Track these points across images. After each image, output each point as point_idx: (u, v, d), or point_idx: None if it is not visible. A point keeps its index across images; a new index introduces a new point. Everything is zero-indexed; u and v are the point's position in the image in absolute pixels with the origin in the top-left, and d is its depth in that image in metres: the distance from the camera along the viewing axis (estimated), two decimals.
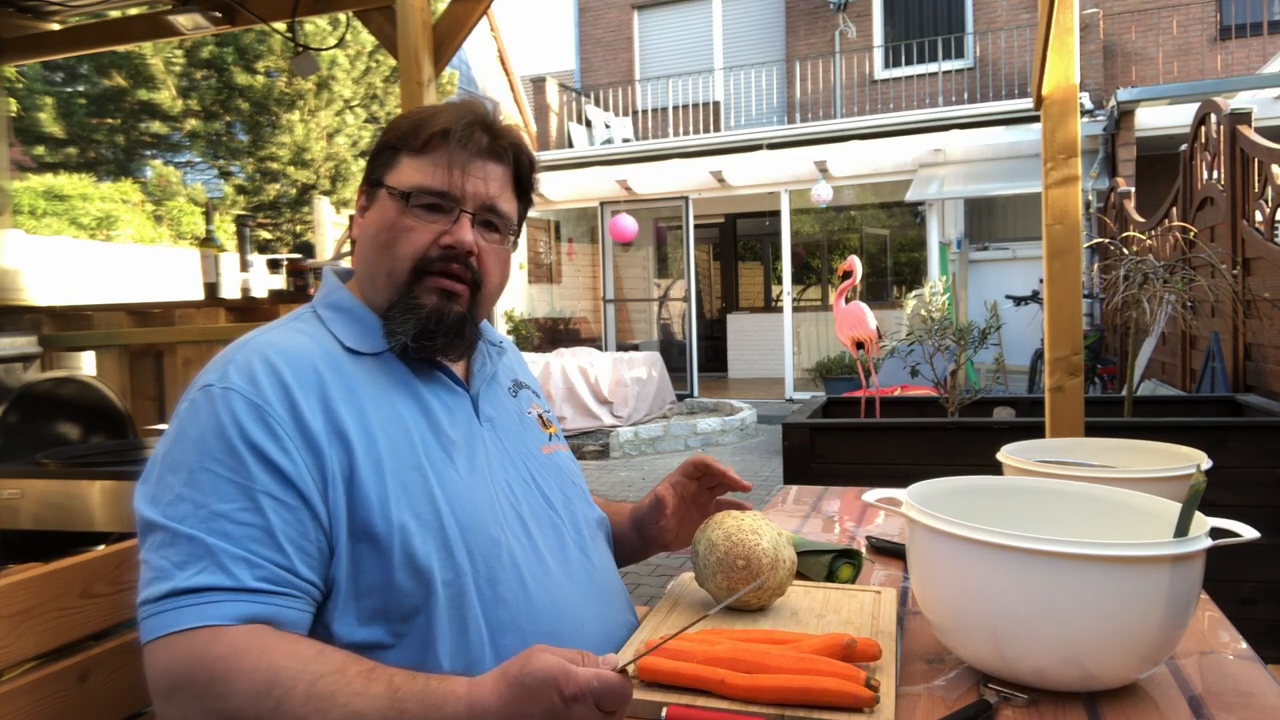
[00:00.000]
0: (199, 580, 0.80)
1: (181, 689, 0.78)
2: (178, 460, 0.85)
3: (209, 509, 0.83)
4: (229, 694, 0.77)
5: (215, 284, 3.21)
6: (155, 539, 0.83)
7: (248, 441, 0.85)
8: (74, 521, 2.23)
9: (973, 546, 0.83)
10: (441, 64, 2.71)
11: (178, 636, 0.78)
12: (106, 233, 8.49)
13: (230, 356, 0.92)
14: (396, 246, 0.99)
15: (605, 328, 11.66)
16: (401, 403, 0.96)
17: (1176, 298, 3.21)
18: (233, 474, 0.84)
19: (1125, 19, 10.59)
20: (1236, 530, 0.85)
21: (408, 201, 0.99)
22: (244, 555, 0.82)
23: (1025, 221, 10.53)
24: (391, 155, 1.02)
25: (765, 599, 1.06)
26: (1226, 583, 2.45)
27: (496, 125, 1.04)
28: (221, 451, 0.85)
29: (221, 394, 0.87)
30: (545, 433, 1.14)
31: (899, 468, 2.81)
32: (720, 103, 12.57)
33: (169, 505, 0.83)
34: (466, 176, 1.00)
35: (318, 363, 0.93)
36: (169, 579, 0.80)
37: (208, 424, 0.86)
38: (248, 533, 0.83)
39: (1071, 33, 2.12)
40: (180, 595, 0.80)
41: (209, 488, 0.83)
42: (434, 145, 1.00)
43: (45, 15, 3.55)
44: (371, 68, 11.01)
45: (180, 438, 0.87)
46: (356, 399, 0.92)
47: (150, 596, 0.80)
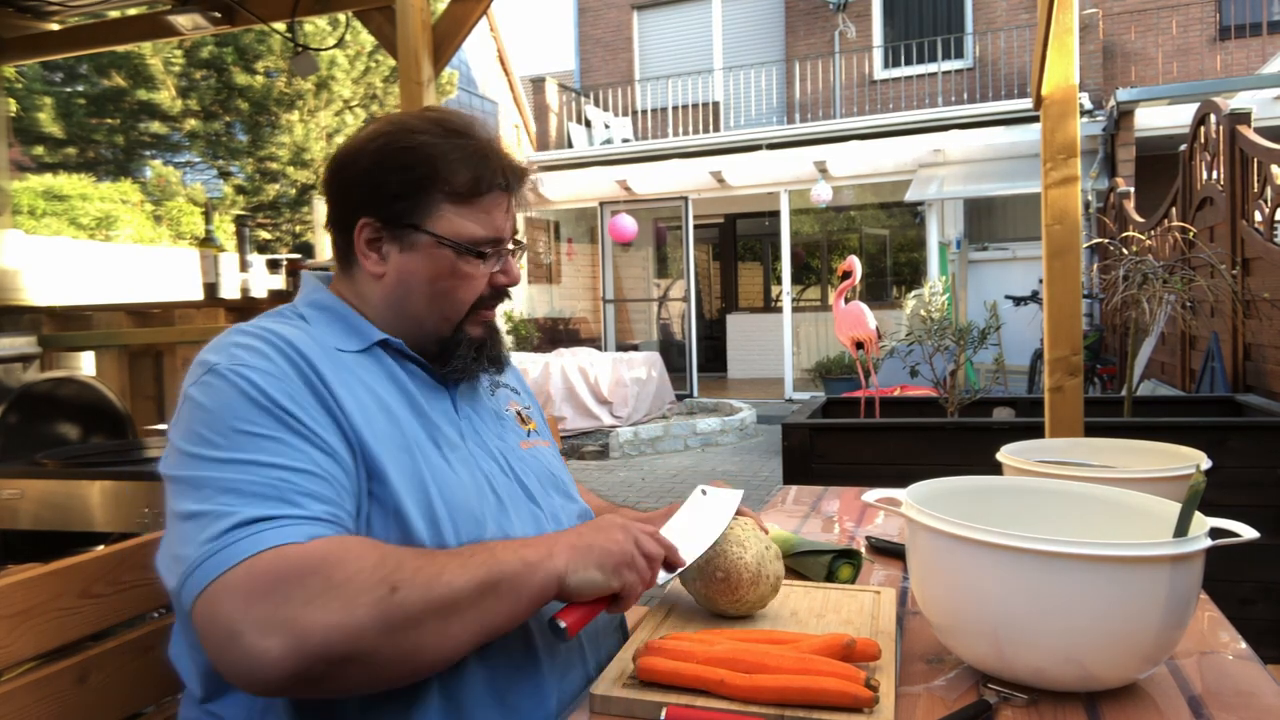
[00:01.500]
0: (267, 510, 0.79)
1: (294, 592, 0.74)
2: (209, 428, 0.84)
3: (256, 461, 0.82)
4: (352, 573, 0.76)
5: (215, 284, 3.21)
6: (202, 494, 0.80)
7: (275, 404, 0.85)
8: (73, 521, 2.23)
9: (973, 546, 0.83)
10: (441, 64, 2.71)
11: (265, 554, 0.75)
12: (106, 233, 8.49)
13: (227, 342, 0.91)
14: (458, 293, 1.01)
15: (605, 328, 11.66)
16: (387, 392, 0.97)
17: (1176, 298, 3.21)
18: (270, 430, 0.84)
19: (1125, 19, 10.59)
20: (1236, 530, 0.85)
21: (468, 252, 0.99)
22: (303, 493, 0.82)
23: (1025, 221, 10.53)
24: (422, 199, 0.98)
25: (743, 610, 1.05)
26: (1226, 583, 2.45)
27: (519, 163, 1.05)
28: (253, 413, 0.84)
29: (235, 369, 0.87)
30: (524, 429, 1.14)
31: (899, 468, 2.81)
32: (720, 103, 12.57)
33: (211, 465, 0.82)
34: (509, 216, 1.03)
35: (313, 348, 0.93)
36: (232, 515, 0.78)
37: (230, 394, 0.85)
38: (300, 478, 0.83)
39: (1071, 33, 2.12)
40: (252, 523, 0.77)
41: (250, 445, 0.83)
42: (481, 192, 1.00)
43: (45, 15, 3.54)
44: (371, 68, 11.01)
45: (203, 411, 0.85)
46: (348, 384, 0.93)
47: (213, 534, 0.77)
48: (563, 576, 0.86)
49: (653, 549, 0.93)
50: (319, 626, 0.73)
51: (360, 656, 0.75)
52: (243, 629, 0.72)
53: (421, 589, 0.78)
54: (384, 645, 0.76)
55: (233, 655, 0.73)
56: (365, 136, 1.02)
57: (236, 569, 0.75)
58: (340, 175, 1.02)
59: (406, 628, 0.77)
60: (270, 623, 0.72)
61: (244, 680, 0.74)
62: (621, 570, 0.89)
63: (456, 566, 0.81)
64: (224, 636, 0.73)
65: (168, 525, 0.83)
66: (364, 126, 1.06)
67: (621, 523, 0.94)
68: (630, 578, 0.90)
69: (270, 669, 0.72)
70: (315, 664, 0.73)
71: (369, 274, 1.01)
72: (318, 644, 0.73)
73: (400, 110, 2.54)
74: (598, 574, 0.88)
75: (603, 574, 0.88)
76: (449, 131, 1.00)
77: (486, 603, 0.81)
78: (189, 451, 0.83)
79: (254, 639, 0.72)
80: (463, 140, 0.99)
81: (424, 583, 0.78)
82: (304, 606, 0.73)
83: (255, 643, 0.72)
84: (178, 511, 0.81)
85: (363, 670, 0.76)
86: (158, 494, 2.15)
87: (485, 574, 0.81)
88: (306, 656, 0.72)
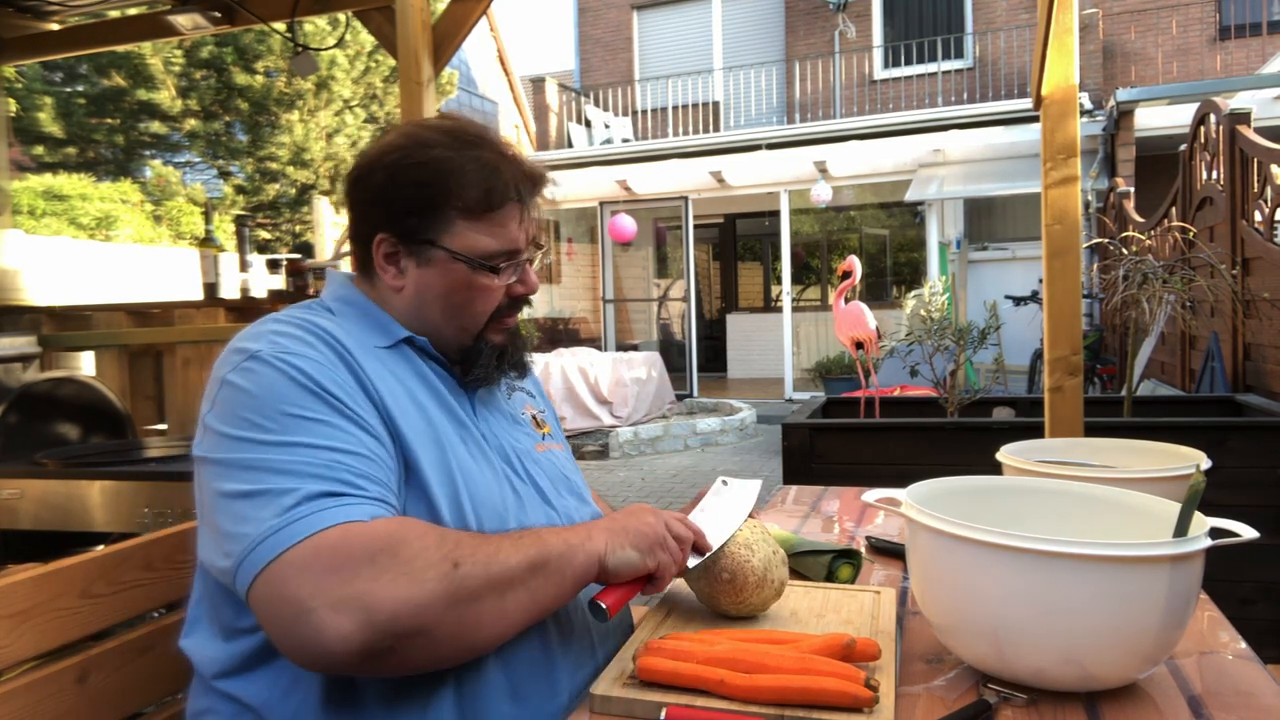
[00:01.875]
0: (328, 487, 0.80)
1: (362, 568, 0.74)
2: (256, 412, 0.84)
3: (308, 444, 0.82)
4: (417, 550, 0.78)
5: (214, 284, 3.21)
6: (255, 474, 0.80)
7: (323, 388, 0.87)
8: (73, 521, 2.23)
9: (973, 546, 0.83)
10: (441, 64, 2.71)
11: (330, 530, 0.76)
12: (106, 233, 8.49)
13: (265, 330, 0.92)
14: (474, 305, 1.02)
15: (605, 328, 11.66)
16: (416, 387, 0.98)
17: (1176, 298, 3.21)
18: (320, 414, 0.85)
19: (1125, 19, 10.59)
20: (1236, 530, 0.85)
21: (481, 266, 1.00)
22: (358, 474, 0.83)
23: (1025, 221, 10.53)
24: (436, 214, 0.99)
25: (745, 611, 1.05)
26: (1226, 583, 2.45)
27: (538, 170, 1.06)
28: (302, 397, 0.85)
29: (280, 356, 0.87)
30: (539, 432, 1.16)
31: (899, 468, 2.81)
32: (720, 103, 12.57)
33: (262, 448, 0.82)
34: (524, 227, 1.04)
35: (349, 339, 0.95)
36: (294, 492, 0.78)
37: (276, 379, 0.86)
38: (352, 460, 0.84)
39: (1071, 33, 2.11)
40: (315, 499, 0.78)
41: (300, 428, 0.83)
42: (494, 207, 1.00)
43: (45, 15, 3.54)
44: (371, 68, 11.01)
45: (248, 396, 0.85)
46: (383, 376, 0.94)
47: (276, 510, 0.77)
48: (602, 557, 0.90)
49: (683, 531, 0.99)
50: (388, 601, 0.74)
51: (425, 631, 0.76)
52: (313, 605, 0.73)
53: (482, 565, 0.80)
54: (447, 620, 0.78)
55: (303, 631, 0.73)
56: (380, 149, 1.02)
57: (303, 545, 0.75)
58: (357, 189, 1.03)
59: (468, 602, 0.79)
60: (340, 598, 0.73)
61: (311, 657, 0.75)
62: (655, 550, 0.94)
63: (509, 546, 0.84)
64: (293, 613, 0.74)
65: (212, 508, 0.83)
66: (380, 135, 1.07)
67: (651, 508, 0.99)
68: (664, 558, 0.95)
69: (340, 644, 0.73)
70: (384, 639, 0.74)
71: (388, 286, 1.02)
72: (387, 619, 0.74)
73: (410, 118, 2.55)
74: (634, 553, 0.92)
75: (639, 553, 0.93)
76: (462, 143, 1.00)
77: (536, 581, 0.84)
78: (234, 435, 0.83)
79: (324, 615, 0.73)
80: (476, 152, 1.00)
81: (483, 560, 0.81)
82: (372, 582, 0.74)
83: (326, 619, 0.73)
84: (227, 492, 0.81)
85: (425, 646, 0.77)
86: (158, 494, 2.16)
87: (535, 553, 0.85)
88: (376, 631, 0.74)
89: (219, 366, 0.90)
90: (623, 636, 1.07)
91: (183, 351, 3.12)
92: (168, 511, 2.13)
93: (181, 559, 1.16)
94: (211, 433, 0.86)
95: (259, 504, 0.78)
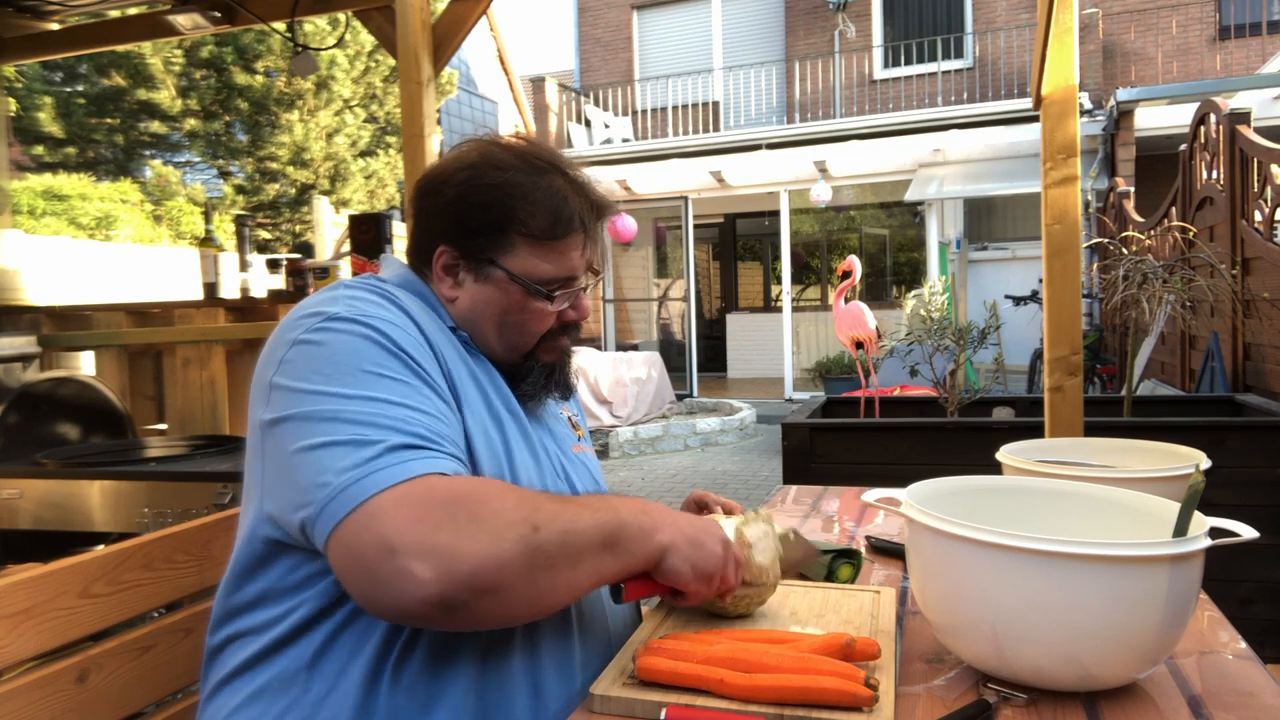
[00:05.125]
0: (410, 440, 0.81)
1: (445, 520, 0.76)
2: (335, 368, 0.84)
3: (389, 400, 0.83)
4: (498, 509, 0.78)
5: (214, 284, 3.21)
6: (335, 425, 0.81)
7: (403, 350, 0.88)
8: (73, 521, 2.23)
9: (972, 546, 0.83)
10: (441, 64, 2.71)
11: (416, 482, 0.77)
12: (106, 233, 8.49)
13: (339, 295, 0.93)
14: (527, 327, 1.04)
15: (605, 328, 11.66)
16: (475, 366, 1.01)
17: (1176, 298, 3.21)
18: (399, 374, 0.86)
19: (1125, 19, 10.59)
20: (1236, 530, 0.85)
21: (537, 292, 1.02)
22: (436, 433, 0.84)
23: (1024, 221, 10.54)
24: (500, 237, 1.01)
25: (742, 607, 1.05)
26: (1226, 583, 2.45)
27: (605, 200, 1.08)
28: (381, 356, 0.86)
29: (358, 316, 0.88)
30: (574, 434, 1.18)
31: (899, 468, 2.81)
32: (720, 103, 12.57)
33: (342, 400, 0.82)
34: (585, 256, 1.06)
35: (417, 314, 0.96)
36: (379, 443, 0.79)
37: (355, 339, 0.87)
38: (430, 420, 0.85)
39: (1071, 33, 2.12)
40: (401, 449, 0.79)
41: (380, 385, 0.84)
42: (558, 236, 1.02)
43: (44, 15, 3.54)
44: (371, 67, 11.01)
45: (327, 351, 0.85)
46: (449, 353, 0.96)
47: (362, 459, 0.78)
48: (665, 553, 0.90)
49: (731, 578, 0.96)
50: (470, 555, 0.75)
51: (501, 589, 0.77)
52: (397, 549, 0.74)
53: (559, 532, 0.80)
54: (522, 581, 0.78)
55: (385, 572, 0.74)
56: (453, 164, 1.04)
57: (390, 491, 0.76)
58: (424, 201, 1.05)
59: (544, 566, 0.79)
60: (424, 547, 0.74)
61: (389, 602, 0.76)
62: (704, 580, 0.93)
63: (587, 514, 0.84)
64: (378, 555, 0.75)
65: (290, 462, 0.82)
66: (454, 149, 1.07)
67: (724, 538, 0.96)
68: (704, 590, 0.94)
69: (418, 591, 0.74)
70: (461, 591, 0.75)
71: (443, 295, 1.04)
72: (467, 572, 0.75)
73: (411, 118, 2.54)
74: (688, 570, 0.91)
75: (692, 574, 0.91)
76: (535, 169, 1.02)
77: (605, 556, 0.85)
78: (313, 389, 0.84)
79: (406, 561, 0.74)
80: (547, 180, 1.01)
81: (561, 528, 0.81)
82: (454, 535, 0.75)
83: (408, 565, 0.74)
84: (307, 444, 0.81)
85: (497, 603, 0.78)
86: (158, 494, 2.16)
87: (612, 529, 0.85)
88: (454, 583, 0.75)
89: (287, 330, 0.90)
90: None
91: (182, 351, 3.12)
92: (168, 511, 2.13)
93: (181, 559, 1.16)
94: (283, 390, 0.85)
95: (342, 453, 0.79)
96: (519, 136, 1.09)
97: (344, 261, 3.12)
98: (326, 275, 3.06)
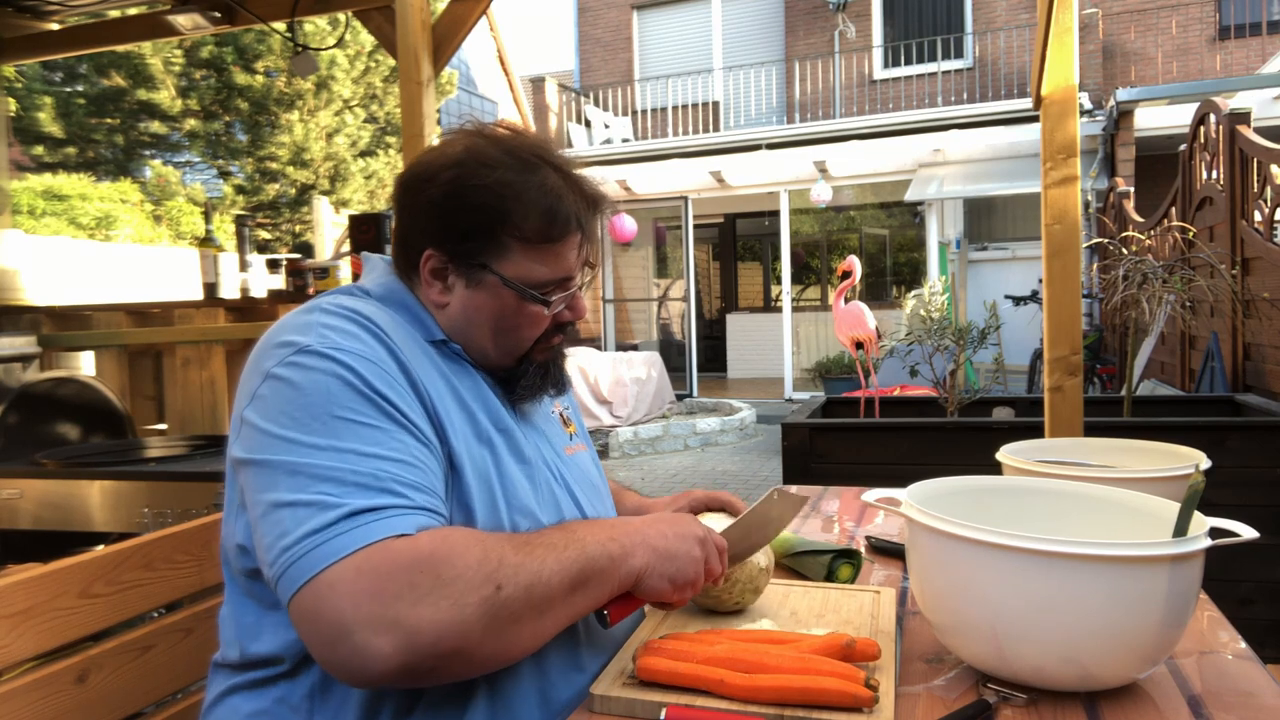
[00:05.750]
0: (373, 501, 0.78)
1: (405, 589, 0.74)
2: (304, 412, 0.82)
3: (356, 451, 0.81)
4: (460, 570, 0.76)
5: (214, 284, 3.21)
6: (298, 481, 0.79)
7: (375, 390, 0.84)
8: (73, 521, 2.23)
9: (972, 546, 0.83)
10: (441, 64, 2.71)
11: (374, 548, 0.75)
12: (106, 233, 8.49)
13: (312, 321, 0.89)
14: (521, 331, 1.00)
15: (605, 328, 11.66)
16: (459, 384, 0.97)
17: (1175, 298, 3.22)
18: (370, 419, 0.83)
19: (1124, 19, 10.59)
20: (1235, 530, 0.85)
21: (533, 297, 0.98)
22: (405, 484, 0.81)
23: (1024, 221, 10.54)
24: (492, 240, 0.96)
25: (735, 594, 1.05)
26: (1226, 583, 2.45)
27: (599, 194, 1.04)
28: (352, 399, 0.83)
29: (330, 351, 0.85)
30: (566, 432, 1.14)
31: (899, 468, 2.81)
32: (720, 103, 12.57)
33: (309, 451, 0.80)
34: (581, 256, 1.02)
35: (397, 331, 0.93)
36: (339, 507, 0.77)
37: (326, 379, 0.83)
38: (400, 469, 0.82)
39: (1071, 33, 2.12)
40: (358, 514, 0.77)
41: (349, 433, 0.81)
42: (554, 239, 0.98)
43: (44, 15, 3.54)
44: (371, 68, 11.01)
45: (298, 393, 0.83)
46: (429, 373, 0.93)
47: (318, 525, 0.76)
48: (640, 577, 0.89)
49: (715, 569, 0.96)
50: (430, 625, 0.74)
51: (465, 651, 0.76)
52: (353, 627, 0.72)
53: (524, 589, 0.79)
54: (488, 641, 0.77)
55: (342, 652, 0.73)
56: (438, 162, 0.97)
57: (344, 563, 0.74)
58: (409, 199, 0.99)
59: (509, 624, 0.78)
60: (382, 621, 0.73)
61: (350, 675, 0.75)
62: (686, 588, 0.92)
63: (552, 560, 0.82)
64: (332, 633, 0.73)
65: (254, 512, 0.81)
66: (438, 144, 1.02)
67: (701, 535, 0.95)
68: (689, 595, 0.94)
69: (380, 665, 0.73)
70: (425, 660, 0.74)
71: (432, 301, 1.00)
72: (429, 642, 0.74)
73: (411, 118, 2.54)
74: (667, 585, 0.90)
75: (671, 587, 0.91)
76: (525, 164, 0.96)
77: (575, 597, 0.84)
78: (279, 435, 0.81)
79: (365, 637, 0.72)
80: (539, 177, 0.96)
81: (525, 583, 0.79)
82: (414, 605, 0.73)
83: (367, 640, 0.72)
84: (270, 500, 0.79)
85: (463, 663, 0.77)
86: (158, 494, 2.16)
87: (577, 570, 0.83)
88: (417, 653, 0.73)
89: (262, 359, 0.87)
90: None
91: (182, 351, 3.12)
92: (167, 511, 2.13)
93: (181, 559, 1.16)
94: (253, 430, 0.83)
95: (303, 515, 0.77)
96: (504, 125, 1.03)
97: (344, 261, 3.12)
98: (326, 275, 3.06)
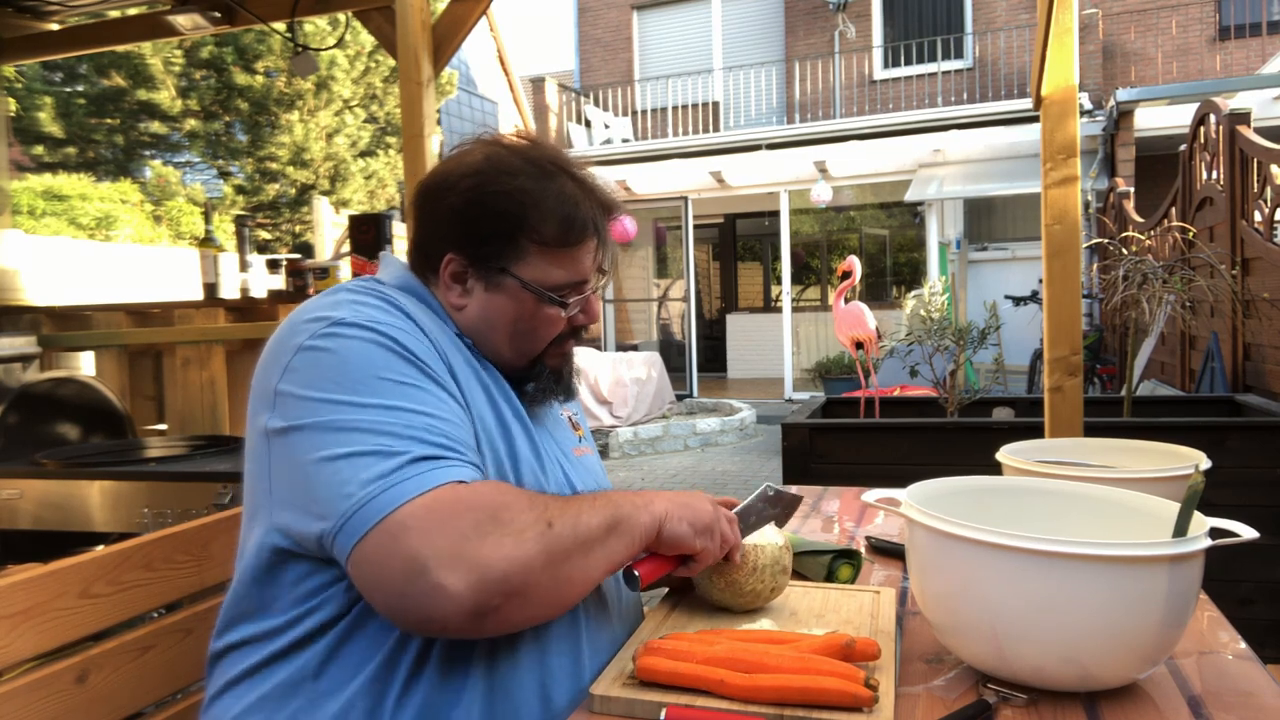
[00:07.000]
0: (430, 451, 0.81)
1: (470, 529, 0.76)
2: (348, 376, 0.83)
3: (404, 408, 0.83)
4: (515, 513, 0.80)
5: (214, 284, 3.21)
6: (352, 436, 0.80)
7: (414, 355, 0.88)
8: (73, 521, 2.23)
9: (972, 546, 0.83)
10: (441, 64, 2.71)
11: (441, 490, 0.78)
12: (106, 233, 8.49)
13: (343, 299, 0.91)
14: (537, 333, 1.03)
15: (604, 328, 11.66)
16: (484, 373, 1.00)
17: (1175, 298, 3.22)
18: (414, 380, 0.86)
19: (1124, 19, 10.59)
20: (1235, 530, 0.85)
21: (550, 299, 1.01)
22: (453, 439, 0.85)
23: (1024, 221, 10.54)
24: (513, 244, 0.99)
25: (736, 598, 1.05)
26: (1226, 583, 2.45)
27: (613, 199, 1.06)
28: (395, 362, 0.86)
29: (366, 322, 0.87)
30: (575, 435, 1.17)
31: (898, 468, 2.81)
32: (720, 103, 12.57)
33: (358, 409, 0.81)
34: (596, 260, 1.05)
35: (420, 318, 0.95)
36: (402, 454, 0.79)
37: (367, 345, 0.86)
38: (446, 425, 0.85)
39: (1071, 33, 2.12)
40: (421, 460, 0.80)
41: (396, 392, 0.84)
42: (570, 243, 1.01)
43: (44, 15, 3.54)
44: (371, 68, 11.01)
45: (338, 359, 0.84)
46: (455, 358, 0.96)
47: (383, 471, 0.78)
48: (662, 522, 0.93)
49: (729, 532, 1.01)
50: (499, 560, 0.77)
51: (527, 589, 0.79)
52: (429, 564, 0.75)
53: (570, 525, 0.83)
54: (545, 578, 0.80)
55: (418, 588, 0.75)
56: (459, 169, 1.01)
57: (413, 503, 0.77)
58: (429, 206, 1.02)
59: (561, 561, 0.82)
60: (456, 557, 0.75)
61: (420, 617, 0.76)
62: (705, 535, 0.97)
63: (588, 506, 0.87)
64: (407, 571, 0.75)
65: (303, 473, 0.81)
66: (456, 151, 1.05)
67: (708, 496, 1.02)
68: (710, 545, 0.98)
69: (451, 604, 0.75)
70: (494, 597, 0.76)
71: (450, 304, 1.03)
72: (498, 577, 0.76)
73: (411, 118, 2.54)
74: (688, 529, 0.95)
75: (692, 531, 0.95)
76: (544, 172, 1.00)
77: (611, 540, 0.87)
78: (326, 398, 0.83)
79: (440, 574, 0.74)
80: (557, 184, 1.00)
81: (570, 520, 0.84)
82: (481, 542, 0.76)
83: (442, 578, 0.74)
84: (323, 455, 0.80)
85: (523, 605, 0.80)
86: (158, 494, 2.16)
87: (610, 513, 0.88)
88: (486, 590, 0.76)
89: (290, 335, 0.88)
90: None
91: (182, 351, 3.12)
92: (167, 512, 2.13)
93: (181, 559, 1.16)
94: (293, 398, 0.84)
95: (366, 463, 0.79)
96: (521, 135, 1.07)
97: (344, 262, 3.12)
98: (326, 275, 3.06)
